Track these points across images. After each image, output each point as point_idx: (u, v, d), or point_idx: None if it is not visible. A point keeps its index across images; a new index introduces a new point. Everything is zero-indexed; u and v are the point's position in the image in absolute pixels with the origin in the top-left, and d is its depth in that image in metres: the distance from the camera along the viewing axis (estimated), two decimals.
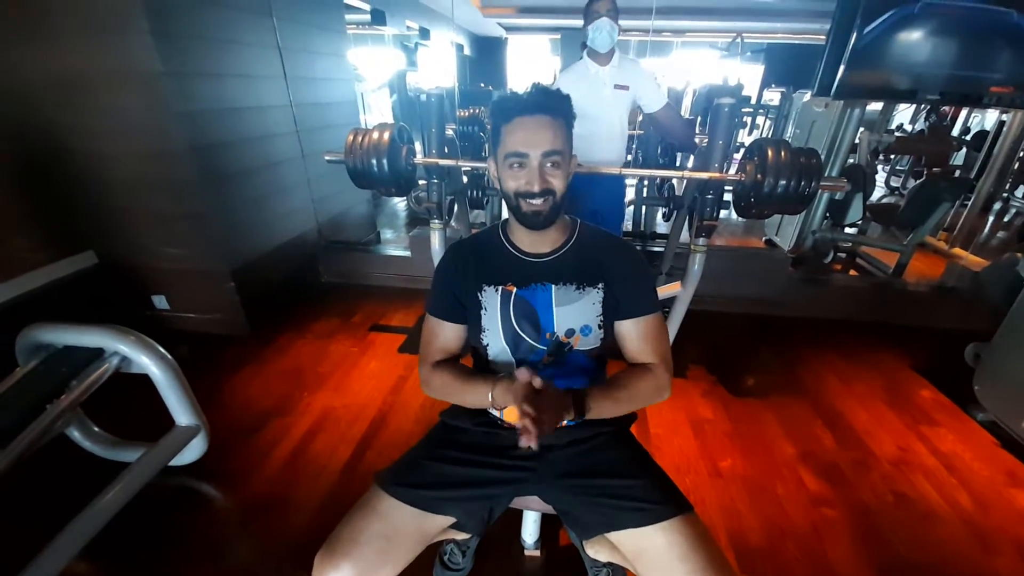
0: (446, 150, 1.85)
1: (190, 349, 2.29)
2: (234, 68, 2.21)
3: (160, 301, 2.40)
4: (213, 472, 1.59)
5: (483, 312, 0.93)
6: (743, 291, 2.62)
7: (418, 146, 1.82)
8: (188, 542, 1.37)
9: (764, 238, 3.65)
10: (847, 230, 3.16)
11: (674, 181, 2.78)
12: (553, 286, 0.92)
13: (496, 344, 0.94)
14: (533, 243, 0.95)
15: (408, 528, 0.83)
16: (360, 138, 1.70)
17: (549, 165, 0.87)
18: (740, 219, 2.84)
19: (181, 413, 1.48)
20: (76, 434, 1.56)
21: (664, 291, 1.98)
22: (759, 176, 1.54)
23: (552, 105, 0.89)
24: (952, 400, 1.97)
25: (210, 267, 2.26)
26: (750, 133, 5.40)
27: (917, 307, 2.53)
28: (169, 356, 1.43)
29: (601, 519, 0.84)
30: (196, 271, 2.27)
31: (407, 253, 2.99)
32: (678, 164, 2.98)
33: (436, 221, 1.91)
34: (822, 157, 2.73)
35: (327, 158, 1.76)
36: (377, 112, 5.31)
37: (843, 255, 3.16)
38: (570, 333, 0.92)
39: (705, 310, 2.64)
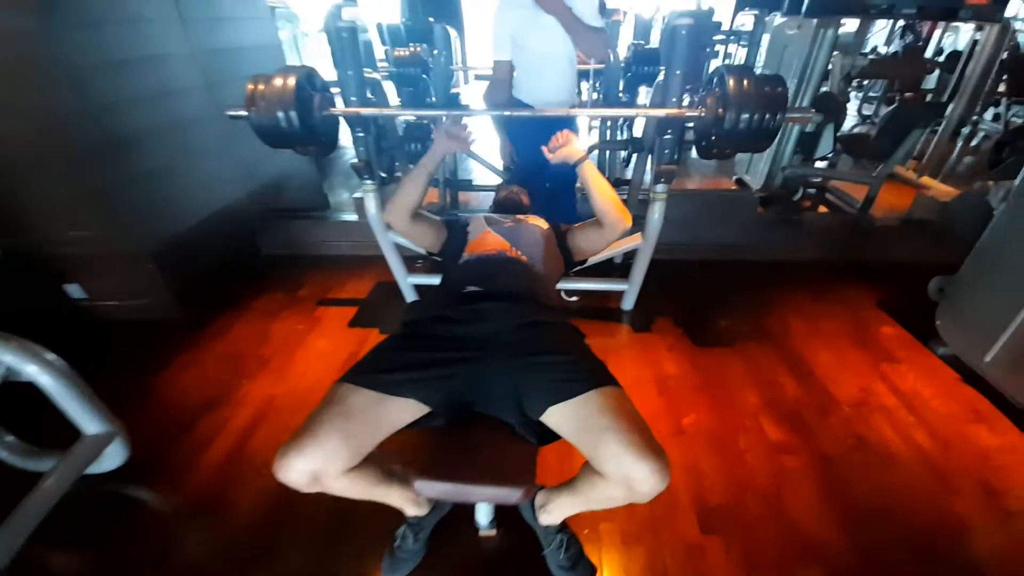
0: (369, 96, 1.60)
1: (114, 340, 2.10)
2: (112, 12, 1.85)
3: (75, 291, 2.15)
4: (143, 477, 1.46)
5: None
6: (710, 237, 2.52)
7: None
8: (116, 554, 1.26)
9: (734, 177, 3.51)
10: (818, 164, 3.04)
11: (636, 122, 2.57)
12: None
13: None
14: None
15: (367, 412, 0.87)
16: (262, 87, 1.44)
17: None
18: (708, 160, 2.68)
19: (86, 422, 1.32)
20: None
21: (624, 244, 1.84)
22: (720, 110, 1.37)
23: None
24: (914, 336, 1.95)
25: (123, 249, 2.01)
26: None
27: (885, 242, 2.48)
28: (60, 362, 1.25)
29: (545, 393, 0.91)
30: (108, 255, 2.02)
31: (355, 217, 2.75)
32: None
33: (368, 181, 1.70)
34: (793, 85, 2.55)
35: (228, 113, 1.50)
36: (317, 58, 4.79)
37: (813, 191, 3.06)
38: None
39: (671, 259, 2.52)
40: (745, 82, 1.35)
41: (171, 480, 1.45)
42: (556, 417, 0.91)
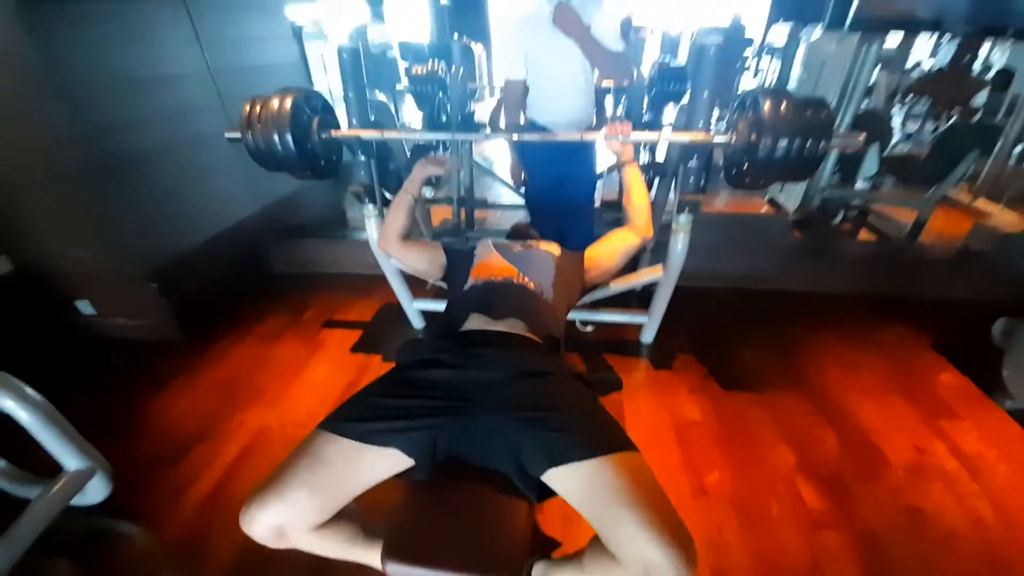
0: (371, 118, 1.52)
1: (117, 358, 2.07)
2: (126, 32, 1.85)
3: (85, 306, 2.14)
4: (127, 511, 1.39)
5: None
6: (739, 264, 2.33)
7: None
8: None
9: (767, 197, 3.31)
10: (859, 185, 2.82)
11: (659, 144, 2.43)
12: None
13: None
14: None
15: (342, 464, 0.81)
16: (258, 108, 1.37)
17: None
18: None
19: (66, 457, 1.25)
20: None
21: (644, 275, 1.70)
22: (753, 136, 1.22)
23: None
24: (976, 384, 1.72)
25: (126, 268, 1.99)
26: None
27: (937, 275, 2.24)
28: (38, 397, 1.19)
29: (544, 454, 0.81)
30: (113, 273, 2.00)
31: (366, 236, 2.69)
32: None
33: (369, 207, 1.62)
34: (832, 104, 2.37)
35: (227, 135, 1.44)
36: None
37: (854, 215, 2.83)
38: None
39: (695, 287, 2.33)
40: (783, 105, 1.20)
41: (154, 516, 1.37)
42: (559, 481, 0.81)
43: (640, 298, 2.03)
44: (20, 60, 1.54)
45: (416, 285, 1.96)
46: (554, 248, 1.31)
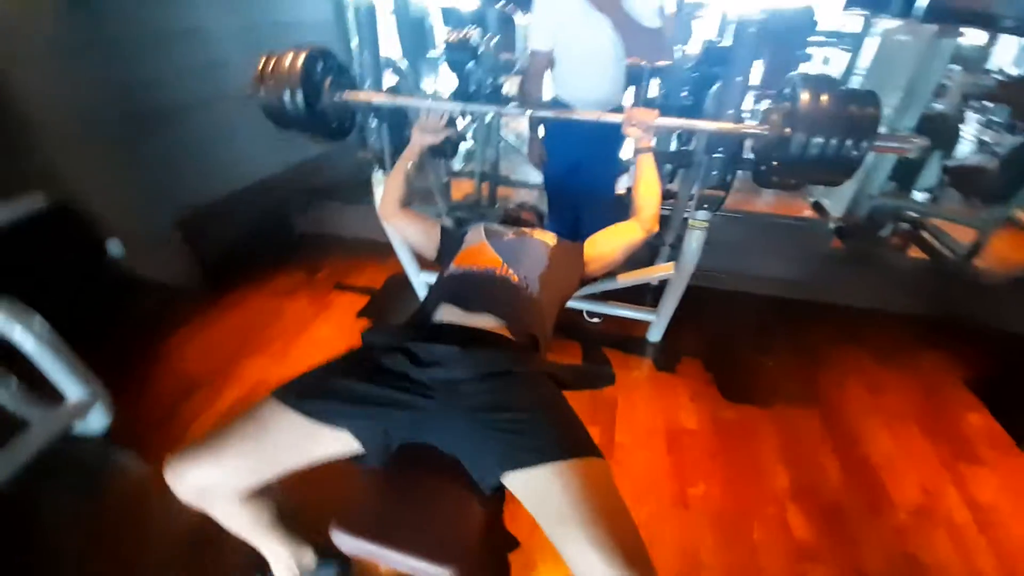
0: (384, 82, 1.48)
1: (140, 299, 2.17)
2: None
3: (115, 247, 2.24)
4: (128, 443, 1.47)
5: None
6: (770, 269, 2.19)
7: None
8: (87, 510, 1.28)
9: (811, 199, 3.07)
10: (916, 196, 2.57)
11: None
12: None
13: None
14: None
15: (286, 437, 0.79)
16: (271, 64, 1.36)
17: None
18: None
19: (68, 386, 1.33)
20: None
21: (653, 272, 1.62)
22: (787, 130, 1.11)
23: None
24: (1007, 431, 1.56)
25: (153, 215, 2.06)
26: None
27: (989, 302, 2.03)
28: (44, 327, 1.25)
29: (497, 458, 0.77)
30: (139, 218, 2.08)
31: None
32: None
33: (378, 172, 1.59)
34: (896, 101, 2.14)
35: (248, 92, 1.43)
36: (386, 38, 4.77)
37: (905, 228, 2.59)
38: None
39: (714, 288, 2.24)
40: (823, 97, 1.08)
41: (153, 450, 1.43)
42: (514, 485, 0.77)
43: (655, 294, 1.94)
44: (60, 8, 1.57)
45: (423, 259, 1.95)
46: (549, 238, 1.24)
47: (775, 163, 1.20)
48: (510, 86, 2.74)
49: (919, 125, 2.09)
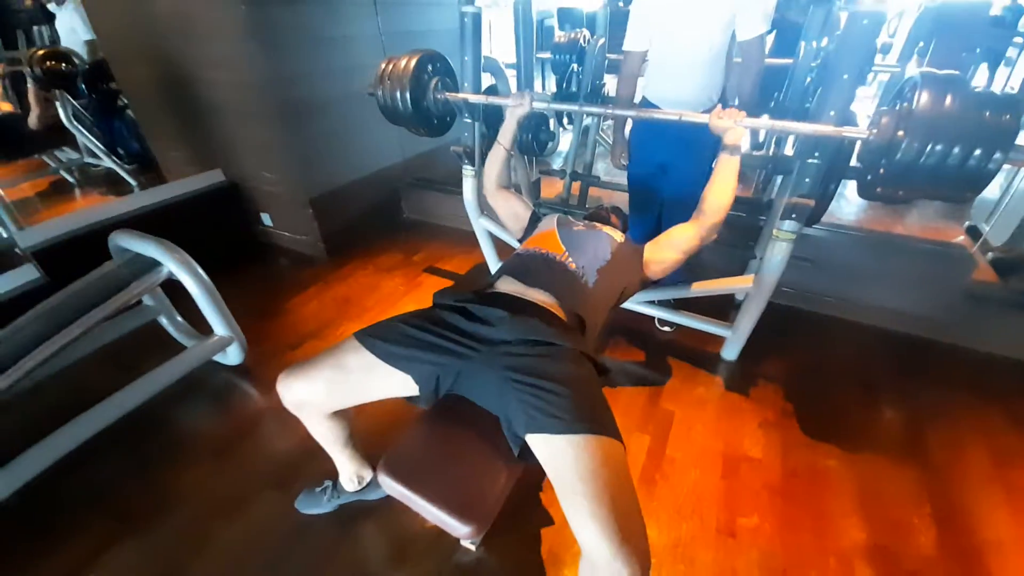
0: (484, 82, 1.60)
1: (278, 263, 2.62)
2: None
3: (266, 218, 2.74)
4: (251, 376, 1.82)
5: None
6: (890, 298, 1.90)
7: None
8: (215, 424, 1.62)
9: (966, 224, 2.57)
10: None
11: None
12: None
13: None
14: None
15: (359, 372, 0.95)
16: (390, 67, 1.57)
17: None
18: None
19: (216, 325, 1.69)
20: (164, 321, 1.91)
21: (728, 283, 1.53)
22: (899, 133, 0.99)
23: None
24: None
25: (293, 193, 2.47)
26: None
27: None
28: (205, 277, 1.61)
29: (524, 418, 0.84)
30: (284, 195, 2.52)
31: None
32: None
33: (467, 167, 1.73)
34: None
35: (368, 91, 1.67)
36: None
37: None
38: None
39: (818, 312, 2.02)
40: (948, 98, 0.95)
41: (270, 384, 1.75)
42: (537, 447, 0.84)
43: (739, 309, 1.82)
44: (237, 13, 1.97)
45: (504, 250, 2.06)
46: (618, 235, 1.26)
47: (882, 171, 1.07)
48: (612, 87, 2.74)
49: None
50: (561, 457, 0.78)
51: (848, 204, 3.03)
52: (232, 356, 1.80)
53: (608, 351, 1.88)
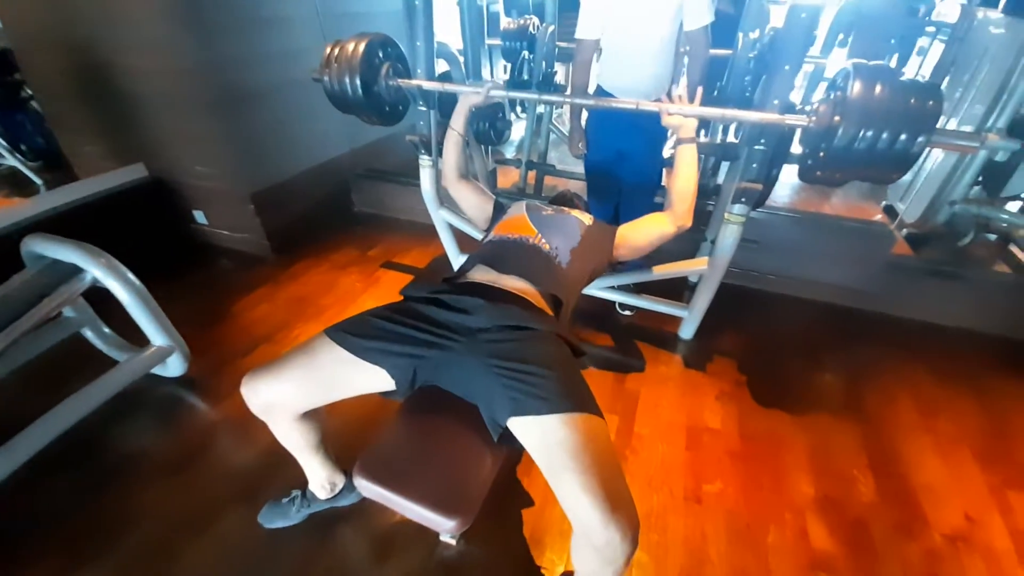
0: (437, 69, 1.56)
1: (218, 263, 2.44)
2: None
3: (200, 216, 2.53)
4: (198, 387, 1.68)
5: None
6: (825, 273, 2.07)
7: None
8: (158, 442, 1.49)
9: (883, 203, 2.84)
10: (1008, 206, 2.30)
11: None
12: None
13: None
14: None
15: (331, 368, 0.91)
16: (337, 51, 1.48)
17: None
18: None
19: (153, 334, 1.54)
20: (89, 334, 1.72)
21: (685, 265, 1.59)
22: (836, 119, 1.07)
23: None
24: None
25: (231, 188, 2.30)
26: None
27: None
28: (137, 282, 1.46)
29: (507, 403, 0.83)
30: (221, 191, 2.33)
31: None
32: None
33: (424, 156, 1.69)
34: (989, 99, 1.93)
35: (313, 76, 1.57)
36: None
37: (991, 239, 2.33)
38: None
39: (760, 289, 2.16)
40: (878, 87, 1.03)
41: (218, 395, 1.64)
42: (520, 430, 0.84)
43: (694, 290, 1.91)
44: None
45: (464, 242, 2.03)
46: (586, 217, 1.28)
47: (822, 155, 1.15)
48: (564, 75, 2.75)
49: (1012, 126, 1.87)
50: (552, 435, 0.79)
51: (782, 187, 3.25)
52: (173, 367, 1.65)
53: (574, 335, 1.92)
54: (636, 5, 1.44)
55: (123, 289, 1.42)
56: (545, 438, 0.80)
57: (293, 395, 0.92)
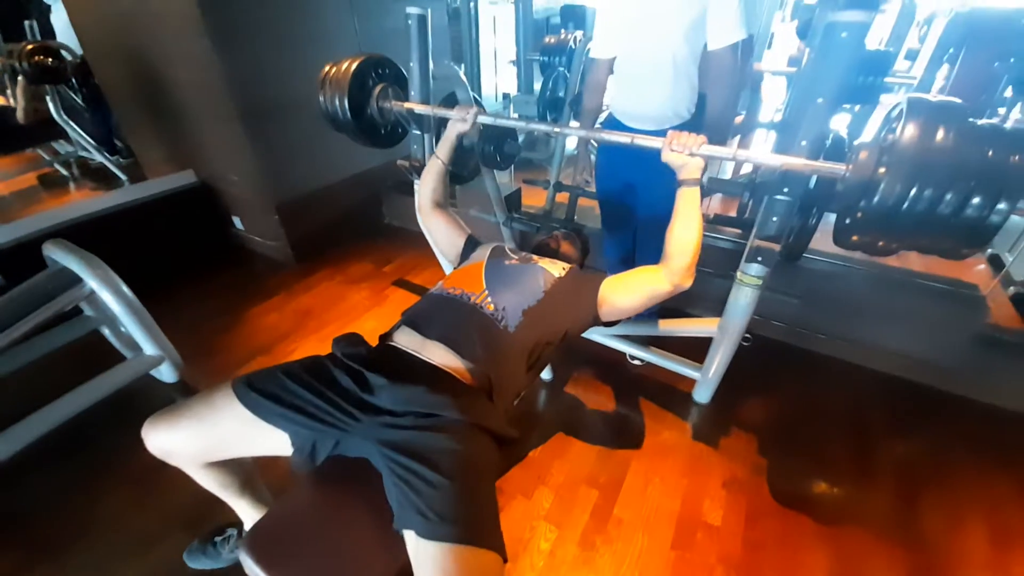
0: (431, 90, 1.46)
1: (251, 269, 2.53)
2: None
3: (238, 222, 2.65)
4: (188, 394, 1.71)
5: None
6: (887, 338, 1.70)
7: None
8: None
9: (988, 252, 2.33)
10: None
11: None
12: None
13: None
14: None
15: (230, 425, 0.84)
16: (332, 71, 1.43)
17: None
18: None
19: (144, 344, 1.59)
20: (107, 332, 1.83)
21: (692, 325, 1.36)
22: (879, 171, 0.82)
23: None
24: None
25: (257, 197, 2.37)
26: None
27: None
28: (130, 294, 1.51)
29: (395, 506, 0.75)
30: (249, 199, 2.42)
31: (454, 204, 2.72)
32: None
33: (418, 182, 1.58)
34: None
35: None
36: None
37: None
38: None
39: (810, 350, 1.83)
40: (940, 131, 0.77)
41: None
42: (406, 539, 0.73)
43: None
44: (190, 9, 1.86)
45: None
46: (558, 268, 1.09)
47: (859, 215, 0.89)
48: None
49: None
50: (426, 564, 0.67)
51: None
52: (166, 374, 1.70)
53: (572, 383, 1.72)
54: (645, 20, 1.24)
55: (115, 301, 1.48)
56: (420, 562, 0.67)
57: (191, 446, 0.86)
